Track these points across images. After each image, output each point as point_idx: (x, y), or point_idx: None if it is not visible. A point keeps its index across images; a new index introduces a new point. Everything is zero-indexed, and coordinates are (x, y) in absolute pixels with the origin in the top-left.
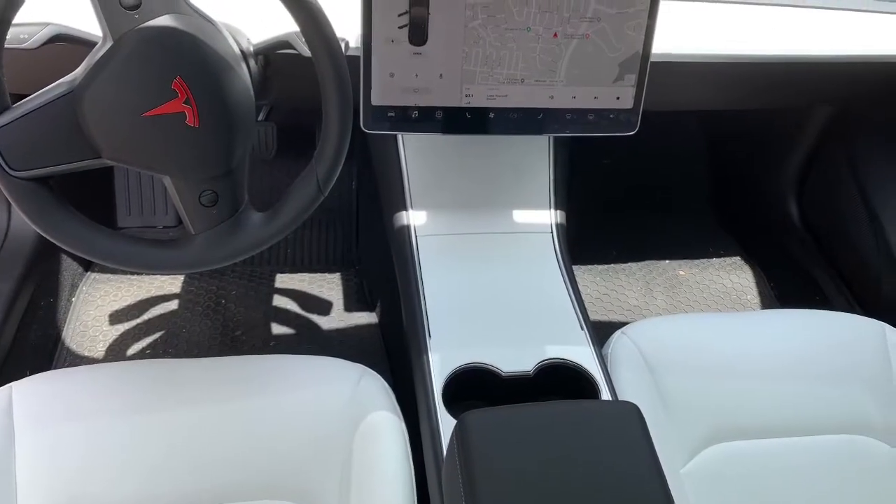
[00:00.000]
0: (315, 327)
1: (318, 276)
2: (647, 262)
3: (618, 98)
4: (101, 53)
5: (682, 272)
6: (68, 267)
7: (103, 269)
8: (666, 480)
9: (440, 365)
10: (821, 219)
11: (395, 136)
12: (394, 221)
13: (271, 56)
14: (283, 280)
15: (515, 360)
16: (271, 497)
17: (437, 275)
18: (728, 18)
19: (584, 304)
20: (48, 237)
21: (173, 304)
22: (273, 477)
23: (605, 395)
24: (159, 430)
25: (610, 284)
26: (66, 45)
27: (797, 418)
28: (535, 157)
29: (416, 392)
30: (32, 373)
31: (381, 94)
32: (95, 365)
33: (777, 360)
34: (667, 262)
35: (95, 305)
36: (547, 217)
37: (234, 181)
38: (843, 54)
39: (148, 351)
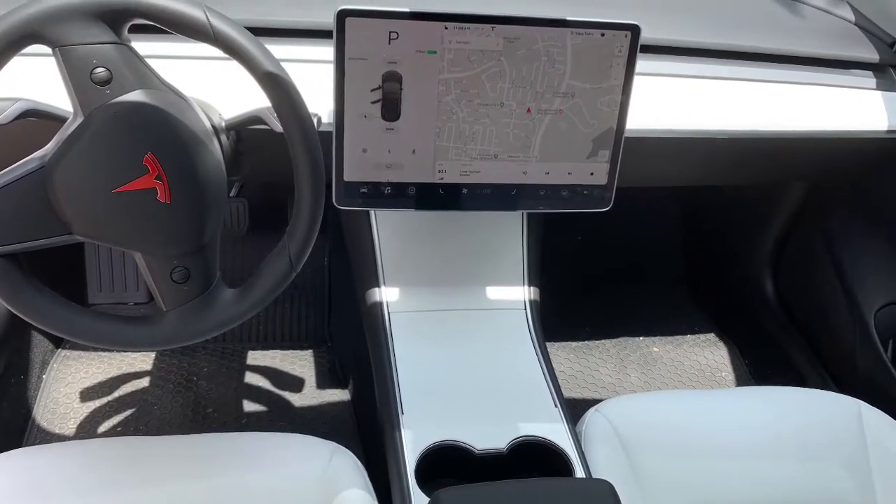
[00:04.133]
0: (287, 404)
1: (289, 352)
2: (620, 339)
3: (592, 174)
4: (71, 129)
5: (656, 349)
6: (39, 343)
7: (74, 346)
8: None
9: (413, 442)
10: (796, 295)
11: (368, 211)
12: (366, 298)
13: (243, 132)
14: (255, 357)
15: (489, 437)
16: None
17: (410, 351)
18: (703, 94)
19: (557, 382)
20: (18, 314)
21: (144, 381)
22: None
23: (579, 472)
24: None
25: (584, 361)
26: (36, 121)
27: (773, 497)
28: (509, 233)
29: (389, 470)
30: (2, 451)
31: (354, 170)
32: (66, 442)
33: (752, 438)
34: (641, 338)
35: (66, 382)
36: (520, 294)
37: (205, 257)
38: (815, 130)
39: (119, 428)
